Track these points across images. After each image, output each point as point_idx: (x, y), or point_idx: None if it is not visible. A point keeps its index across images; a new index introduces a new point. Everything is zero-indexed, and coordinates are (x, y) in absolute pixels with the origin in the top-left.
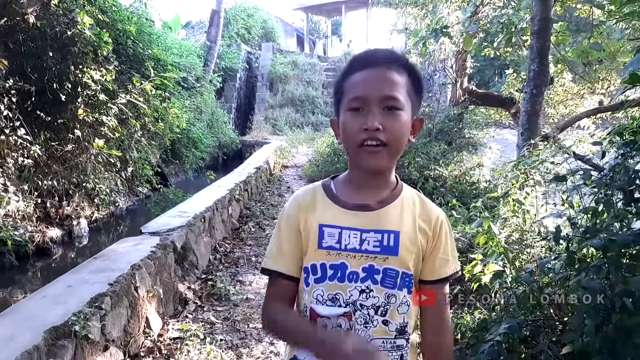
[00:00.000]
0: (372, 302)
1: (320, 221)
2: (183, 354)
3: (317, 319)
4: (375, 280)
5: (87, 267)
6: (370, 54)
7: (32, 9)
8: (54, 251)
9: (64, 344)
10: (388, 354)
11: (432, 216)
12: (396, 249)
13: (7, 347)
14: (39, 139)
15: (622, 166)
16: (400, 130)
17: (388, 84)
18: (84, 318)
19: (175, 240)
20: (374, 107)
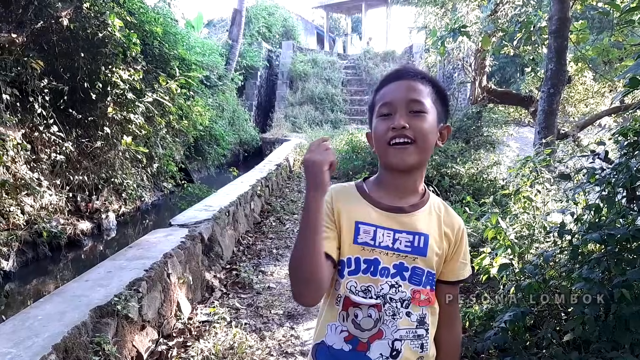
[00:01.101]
0: (400, 296)
1: (357, 218)
2: (211, 335)
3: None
4: (404, 277)
5: (124, 255)
6: (399, 69)
7: (66, 12)
8: (84, 243)
9: (107, 321)
10: (410, 343)
11: (455, 224)
12: (425, 250)
13: (60, 322)
14: (71, 136)
15: (624, 165)
16: (426, 129)
17: (413, 90)
18: (124, 299)
19: (203, 232)
20: (401, 110)
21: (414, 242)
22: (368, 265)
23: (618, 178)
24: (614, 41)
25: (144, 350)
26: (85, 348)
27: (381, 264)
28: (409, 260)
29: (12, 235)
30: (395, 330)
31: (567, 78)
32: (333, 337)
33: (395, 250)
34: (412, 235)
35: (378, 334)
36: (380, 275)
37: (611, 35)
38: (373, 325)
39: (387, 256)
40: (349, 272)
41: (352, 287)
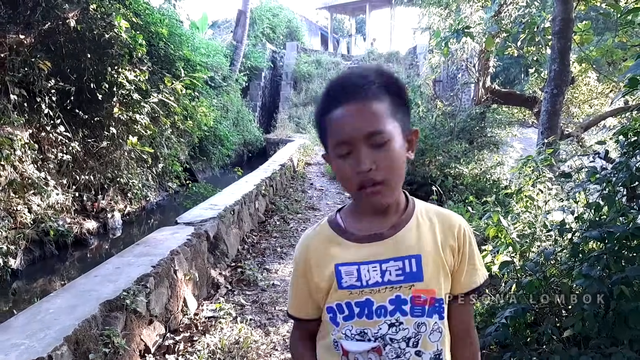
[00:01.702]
0: (403, 335)
1: (335, 261)
2: (217, 330)
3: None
4: (404, 311)
5: (131, 252)
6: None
7: (73, 13)
8: (90, 242)
9: (116, 315)
10: None
11: (454, 227)
12: (420, 274)
13: (71, 315)
14: (77, 136)
15: (624, 164)
16: (394, 164)
17: (369, 119)
18: (132, 294)
19: (208, 230)
20: (362, 147)
21: (405, 267)
22: (361, 308)
23: (618, 177)
24: (618, 42)
25: (152, 344)
26: (95, 340)
27: (375, 304)
28: (405, 291)
29: (20, 234)
30: None
31: (571, 79)
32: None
33: (387, 283)
34: (400, 261)
35: None
36: (377, 317)
37: (615, 36)
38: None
39: (380, 293)
40: (344, 317)
41: (347, 331)
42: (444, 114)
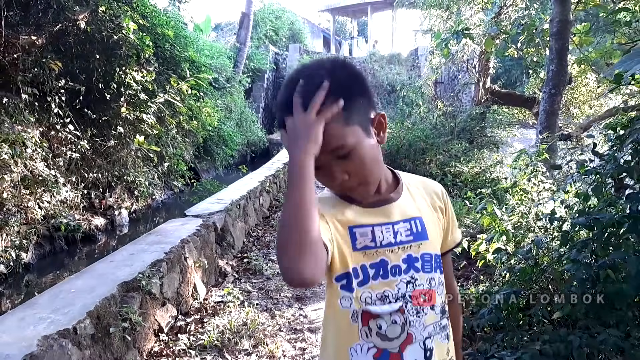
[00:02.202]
0: (419, 291)
1: (348, 223)
2: (226, 313)
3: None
4: (417, 268)
5: (144, 240)
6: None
7: (83, 15)
8: (98, 238)
9: (133, 295)
10: (438, 337)
11: (437, 190)
12: (425, 233)
13: (91, 294)
14: (86, 135)
15: (612, 156)
16: (365, 167)
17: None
18: (147, 276)
19: (216, 222)
20: (329, 162)
21: (412, 228)
22: (376, 269)
23: (606, 169)
24: (617, 43)
25: (165, 324)
26: (114, 316)
27: (390, 263)
28: (415, 250)
29: (31, 229)
30: (424, 328)
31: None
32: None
33: (399, 243)
34: (408, 222)
35: (408, 339)
36: (393, 275)
37: (614, 38)
38: (401, 332)
39: (393, 253)
40: (358, 283)
41: (367, 299)
42: (444, 114)
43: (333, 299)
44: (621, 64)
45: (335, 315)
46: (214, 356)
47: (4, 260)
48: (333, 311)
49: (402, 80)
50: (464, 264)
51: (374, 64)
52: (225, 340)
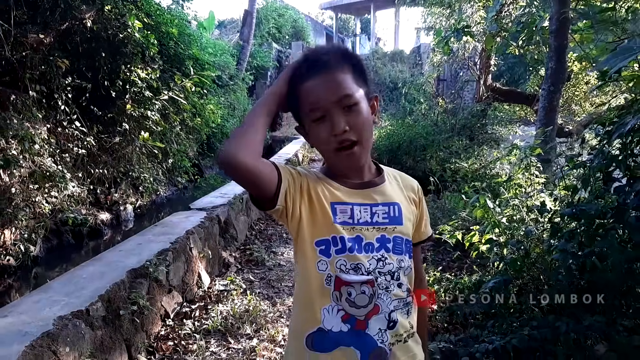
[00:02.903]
0: (388, 269)
1: (331, 199)
2: (229, 300)
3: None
4: (388, 248)
5: (150, 231)
6: (313, 58)
7: (89, 14)
8: (104, 232)
9: (141, 281)
10: (402, 311)
11: (413, 185)
12: (400, 218)
13: (102, 280)
14: (92, 132)
15: (600, 150)
16: (364, 124)
17: (339, 85)
18: (154, 264)
19: (220, 214)
20: (335, 111)
21: (390, 212)
22: (352, 243)
23: (594, 162)
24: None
25: (171, 310)
26: (124, 300)
27: (364, 240)
28: (389, 232)
29: (39, 224)
30: (390, 302)
31: (568, 76)
32: (331, 320)
33: (375, 224)
34: (387, 206)
35: (374, 310)
36: (366, 252)
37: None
38: (368, 302)
39: (369, 231)
40: (336, 250)
41: (342, 266)
42: (445, 112)
43: (309, 263)
44: (607, 62)
45: (310, 277)
46: (218, 340)
47: (14, 253)
48: (308, 274)
49: (404, 78)
50: (457, 254)
51: (376, 62)
52: (228, 325)
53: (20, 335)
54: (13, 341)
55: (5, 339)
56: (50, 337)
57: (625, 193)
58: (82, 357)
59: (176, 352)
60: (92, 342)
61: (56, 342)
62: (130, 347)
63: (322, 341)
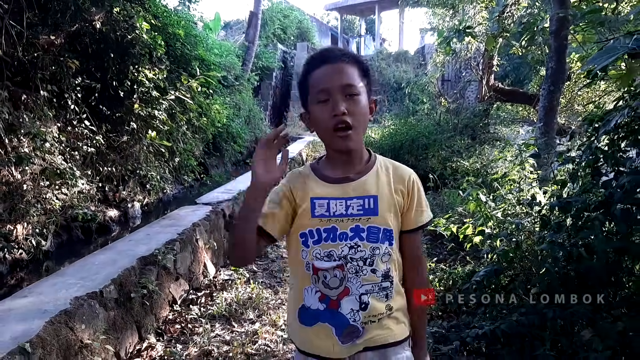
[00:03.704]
0: (360, 255)
1: (312, 195)
2: (233, 289)
3: (317, 272)
4: (361, 237)
5: (158, 223)
6: (326, 51)
7: (99, 16)
8: (112, 229)
9: (150, 268)
10: (377, 295)
11: (405, 177)
12: (376, 210)
13: (113, 266)
14: (101, 130)
15: (588, 146)
16: (362, 112)
17: (345, 75)
18: (162, 253)
19: (224, 208)
20: (338, 95)
21: (365, 204)
22: (328, 233)
23: (582, 158)
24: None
25: (178, 297)
26: (135, 285)
27: (339, 230)
28: (363, 222)
29: (50, 219)
30: (360, 285)
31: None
32: (310, 299)
33: (349, 215)
34: (362, 199)
35: (345, 291)
36: (340, 240)
37: None
38: (339, 284)
39: (343, 222)
40: (313, 242)
41: (317, 254)
42: (448, 111)
43: (294, 253)
44: (592, 61)
45: (297, 263)
46: (222, 324)
47: (25, 247)
48: (295, 261)
49: (408, 78)
50: (451, 246)
51: (381, 62)
52: (232, 310)
53: (40, 313)
54: (34, 317)
55: (27, 316)
56: (68, 315)
57: (612, 187)
58: (96, 334)
59: (183, 334)
60: (105, 321)
61: (73, 319)
62: (141, 328)
63: (305, 316)
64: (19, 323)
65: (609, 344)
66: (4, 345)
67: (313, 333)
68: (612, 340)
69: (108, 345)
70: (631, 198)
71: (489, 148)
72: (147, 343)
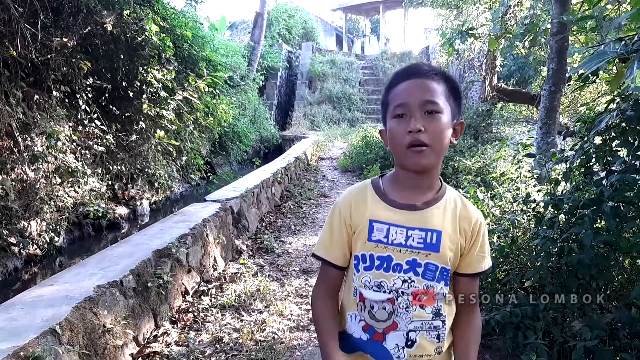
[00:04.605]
0: (413, 291)
1: (371, 217)
2: (242, 281)
3: (364, 301)
4: (417, 272)
5: (170, 219)
6: (411, 67)
7: (110, 18)
8: (122, 226)
9: (165, 260)
10: (426, 334)
11: (472, 218)
12: (438, 246)
13: (131, 258)
14: (111, 130)
15: (580, 146)
16: (440, 131)
17: (427, 91)
18: (176, 246)
19: (233, 206)
20: (416, 112)
21: (427, 238)
22: (381, 261)
23: (574, 157)
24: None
25: (190, 288)
26: (151, 275)
27: (394, 260)
28: (421, 257)
29: (62, 216)
30: (410, 322)
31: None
32: (353, 326)
33: (408, 247)
34: (424, 232)
35: (393, 326)
36: (393, 271)
37: None
38: (387, 318)
39: (400, 253)
40: (364, 267)
41: (366, 282)
42: None
43: (350, 272)
44: (584, 65)
45: (349, 284)
46: (232, 313)
47: (39, 243)
48: (348, 280)
49: None
50: None
51: (385, 62)
52: (241, 301)
53: (67, 299)
54: (61, 303)
55: (55, 302)
56: (91, 301)
57: (602, 185)
58: (117, 319)
59: (195, 322)
60: (125, 308)
61: (96, 305)
62: (156, 316)
63: (345, 343)
64: (48, 308)
65: (598, 333)
66: (37, 326)
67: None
68: (601, 330)
69: (128, 329)
70: (620, 196)
71: (491, 148)
72: (162, 329)
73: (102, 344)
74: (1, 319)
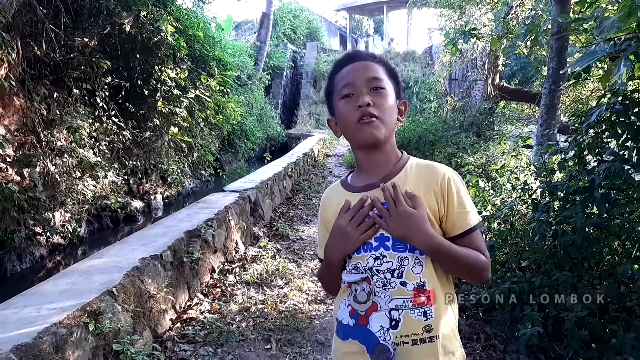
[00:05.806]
0: (387, 267)
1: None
2: (262, 262)
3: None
4: (387, 247)
5: (195, 206)
6: (350, 53)
7: (128, 19)
8: (138, 218)
9: (195, 240)
10: (411, 312)
11: (438, 175)
12: None
13: (166, 237)
14: (127, 127)
15: (574, 138)
16: (387, 105)
17: (370, 70)
18: (204, 228)
19: (250, 195)
20: (363, 88)
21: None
22: None
23: (569, 148)
24: None
25: (216, 267)
26: (184, 252)
27: None
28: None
29: (83, 208)
30: (389, 300)
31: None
32: (342, 313)
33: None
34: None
35: (373, 307)
36: (365, 251)
37: None
38: (367, 299)
39: None
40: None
41: (347, 268)
42: (454, 109)
43: None
44: (576, 63)
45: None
46: (256, 288)
47: (62, 233)
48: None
49: (416, 77)
50: None
51: (389, 61)
52: (263, 278)
53: (117, 268)
54: (113, 271)
55: (107, 270)
56: (138, 270)
57: (594, 174)
58: (160, 287)
59: (224, 295)
60: (165, 278)
61: (142, 274)
62: (190, 289)
63: (339, 329)
64: (102, 274)
65: (589, 307)
66: (96, 289)
67: (346, 347)
68: (592, 304)
69: (169, 296)
70: (610, 183)
71: (494, 145)
72: (196, 300)
73: (149, 308)
74: (64, 283)
